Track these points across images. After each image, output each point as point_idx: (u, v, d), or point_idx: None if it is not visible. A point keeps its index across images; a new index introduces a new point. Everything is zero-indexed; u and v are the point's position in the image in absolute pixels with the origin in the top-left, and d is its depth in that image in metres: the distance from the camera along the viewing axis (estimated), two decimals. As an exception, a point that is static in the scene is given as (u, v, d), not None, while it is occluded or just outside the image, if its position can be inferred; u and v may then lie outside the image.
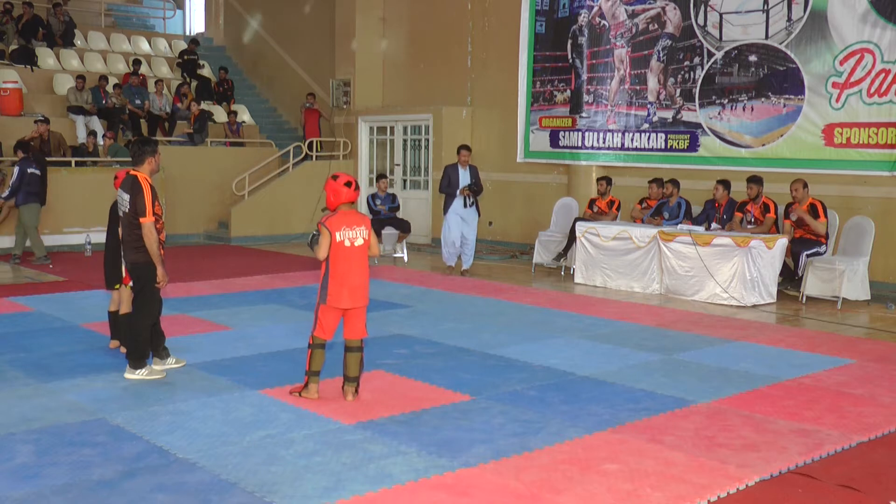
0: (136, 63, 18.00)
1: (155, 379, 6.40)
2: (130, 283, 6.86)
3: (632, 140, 12.79)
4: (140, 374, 6.39)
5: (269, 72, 20.35)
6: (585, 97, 13.16)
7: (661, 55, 12.32)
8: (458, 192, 11.59)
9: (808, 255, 9.91)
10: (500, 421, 5.50)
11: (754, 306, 9.71)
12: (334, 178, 5.89)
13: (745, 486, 4.51)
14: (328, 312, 5.86)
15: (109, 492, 4.31)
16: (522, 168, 14.60)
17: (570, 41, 13.36)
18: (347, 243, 5.78)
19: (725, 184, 10.86)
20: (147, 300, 6.44)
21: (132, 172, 6.34)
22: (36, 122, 14.31)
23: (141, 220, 6.18)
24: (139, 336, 6.42)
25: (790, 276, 10.09)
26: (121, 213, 6.36)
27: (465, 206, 11.63)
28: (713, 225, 10.75)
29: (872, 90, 10.22)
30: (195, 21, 23.45)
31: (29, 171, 12.41)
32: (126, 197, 6.25)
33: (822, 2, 10.62)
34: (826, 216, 10.02)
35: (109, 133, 15.44)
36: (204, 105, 17.61)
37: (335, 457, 4.81)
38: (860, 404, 5.98)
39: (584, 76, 13.19)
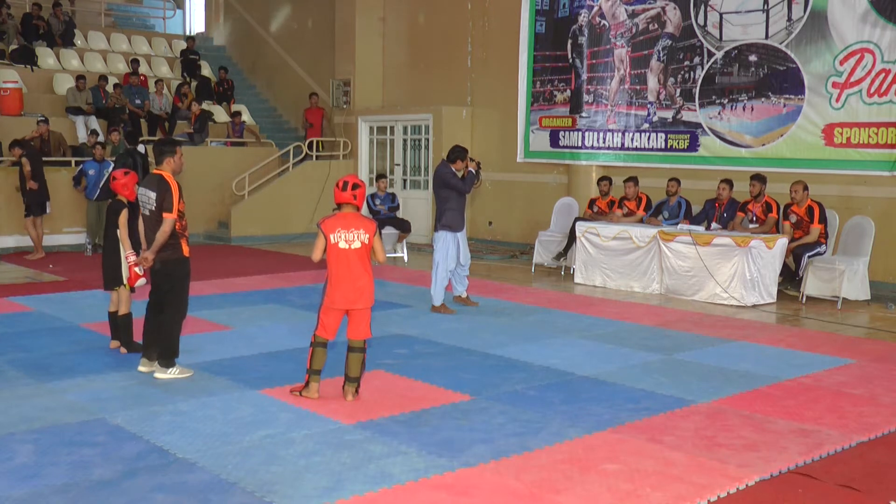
0: (136, 63, 18.01)
1: (185, 377, 6.43)
2: (138, 282, 6.88)
3: (632, 140, 12.79)
4: (171, 374, 6.42)
5: (269, 72, 20.35)
6: (585, 97, 13.16)
7: (661, 55, 12.32)
8: (465, 187, 9.22)
9: (809, 256, 9.91)
10: (500, 421, 5.50)
11: (754, 306, 9.71)
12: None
13: (745, 486, 4.51)
14: (328, 312, 5.87)
15: (109, 492, 4.31)
16: (522, 168, 14.60)
17: (570, 41, 13.36)
18: (343, 245, 5.78)
19: (729, 183, 10.87)
20: (179, 299, 6.48)
21: (156, 172, 6.42)
22: (39, 122, 14.35)
23: (165, 215, 6.25)
24: (174, 335, 6.45)
25: (790, 277, 10.09)
26: (146, 213, 6.38)
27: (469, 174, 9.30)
28: (713, 224, 10.76)
29: (872, 90, 10.22)
30: (195, 21, 23.46)
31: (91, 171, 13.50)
32: (152, 195, 6.30)
33: (822, 2, 10.61)
34: (824, 219, 10.02)
35: (115, 128, 15.41)
36: (204, 105, 17.61)
37: (335, 457, 4.81)
38: (860, 404, 5.98)
39: (584, 76, 13.19)
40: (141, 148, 14.35)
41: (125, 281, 7.10)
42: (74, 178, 13.69)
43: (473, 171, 9.35)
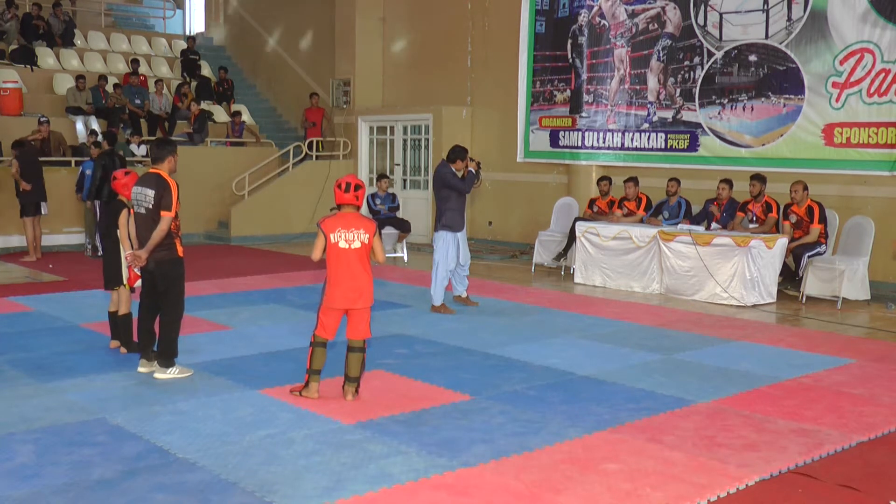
0: (136, 63, 18.01)
1: (185, 377, 6.43)
2: (138, 283, 6.88)
3: (632, 140, 12.79)
4: (171, 374, 6.42)
5: (269, 72, 20.35)
6: (585, 97, 13.16)
7: (661, 55, 12.32)
8: (465, 187, 9.19)
9: (809, 256, 9.91)
10: (500, 421, 5.50)
11: (754, 306, 9.71)
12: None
13: (745, 486, 4.51)
14: (327, 312, 5.88)
15: (109, 492, 4.31)
16: (522, 168, 14.60)
17: (570, 41, 13.36)
18: (343, 244, 5.78)
19: (729, 183, 10.87)
20: (176, 299, 6.48)
21: (153, 170, 6.38)
22: (41, 122, 14.35)
23: (163, 213, 6.22)
24: (173, 335, 6.45)
25: (790, 276, 10.09)
26: (142, 211, 6.34)
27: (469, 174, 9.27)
28: (713, 224, 10.76)
29: (872, 90, 10.22)
30: (195, 21, 23.47)
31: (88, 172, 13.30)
32: (150, 193, 6.26)
33: (822, 1, 10.61)
34: (824, 219, 10.02)
35: (114, 129, 15.42)
36: (204, 105, 17.61)
37: (335, 457, 4.81)
38: (860, 404, 5.98)
39: (584, 76, 13.19)
40: (142, 149, 14.36)
41: (125, 281, 7.11)
42: (78, 184, 13.55)
43: (473, 171, 9.36)
